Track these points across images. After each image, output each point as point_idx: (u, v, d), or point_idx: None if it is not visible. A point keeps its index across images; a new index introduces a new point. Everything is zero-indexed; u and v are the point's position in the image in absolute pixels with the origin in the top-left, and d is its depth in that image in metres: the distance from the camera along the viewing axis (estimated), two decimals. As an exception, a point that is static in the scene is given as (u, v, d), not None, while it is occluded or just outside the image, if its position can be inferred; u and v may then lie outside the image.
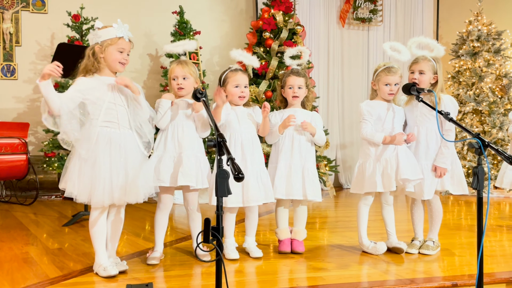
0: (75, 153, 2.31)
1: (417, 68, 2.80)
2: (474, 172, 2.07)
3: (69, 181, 2.28)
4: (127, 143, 2.35)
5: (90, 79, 2.34)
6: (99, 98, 2.31)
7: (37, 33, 5.91)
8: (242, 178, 1.66)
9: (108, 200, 2.29)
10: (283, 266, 2.61)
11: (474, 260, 2.72)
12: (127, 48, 2.37)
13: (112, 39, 2.33)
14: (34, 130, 5.86)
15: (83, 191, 2.26)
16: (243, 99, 2.79)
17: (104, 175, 2.26)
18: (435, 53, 2.81)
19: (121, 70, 2.41)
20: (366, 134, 2.80)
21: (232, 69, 2.79)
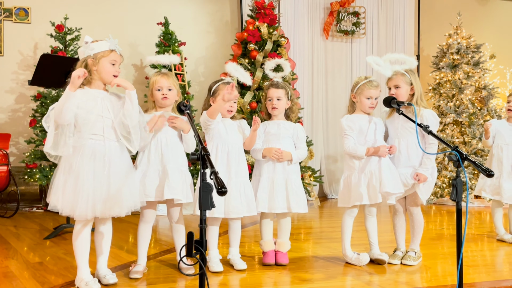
0: (61, 167, 2.30)
1: (392, 84, 2.88)
2: (453, 184, 2.11)
3: (54, 194, 2.27)
4: (112, 156, 2.34)
5: (80, 92, 2.34)
6: (88, 111, 2.31)
7: (20, 43, 5.86)
8: (225, 192, 1.67)
9: (91, 213, 2.27)
10: (267, 278, 2.61)
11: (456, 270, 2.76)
12: (118, 60, 2.40)
13: (104, 51, 2.35)
14: (15, 141, 5.77)
15: (67, 204, 2.24)
16: (230, 113, 2.82)
17: (88, 188, 2.25)
18: (408, 65, 2.89)
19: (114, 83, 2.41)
20: (349, 149, 2.85)
21: (224, 82, 2.80)
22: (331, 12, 6.80)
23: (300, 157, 2.92)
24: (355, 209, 2.91)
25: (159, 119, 2.57)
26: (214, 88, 2.81)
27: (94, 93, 2.37)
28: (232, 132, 2.78)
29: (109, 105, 2.38)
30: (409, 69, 2.88)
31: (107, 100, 2.39)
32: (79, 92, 2.33)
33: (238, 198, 2.69)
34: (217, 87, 2.79)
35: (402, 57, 2.88)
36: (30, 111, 5.59)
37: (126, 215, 2.38)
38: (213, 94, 2.80)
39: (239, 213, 2.69)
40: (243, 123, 2.87)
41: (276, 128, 2.89)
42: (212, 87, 2.82)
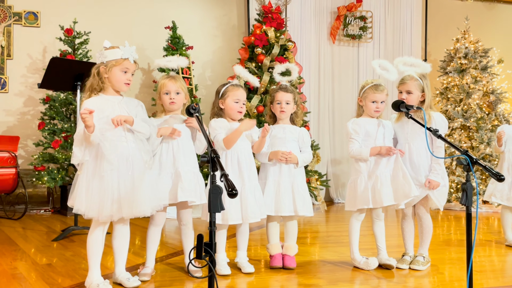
0: (83, 169, 2.32)
1: (404, 89, 2.86)
2: (463, 189, 2.10)
3: (77, 197, 2.28)
4: (134, 156, 2.36)
5: (97, 99, 2.38)
6: (108, 118, 2.34)
7: (29, 46, 5.92)
8: (235, 194, 1.67)
9: (117, 214, 2.29)
10: (274, 282, 2.60)
11: (464, 275, 2.74)
12: (131, 68, 2.41)
13: (117, 60, 2.37)
14: (24, 144, 5.82)
15: (92, 207, 2.26)
16: (241, 114, 2.82)
17: (113, 190, 2.27)
18: (421, 70, 2.87)
19: (125, 89, 2.45)
20: (353, 152, 2.85)
21: (233, 84, 2.82)
22: (338, 16, 6.81)
23: (305, 160, 2.92)
24: (361, 213, 2.90)
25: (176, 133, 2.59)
26: (223, 90, 2.81)
27: (110, 99, 2.40)
28: (242, 138, 2.77)
29: (126, 108, 2.41)
30: (421, 75, 2.87)
31: (123, 104, 2.42)
32: (94, 101, 2.35)
33: (254, 202, 2.69)
34: (225, 89, 2.80)
35: (417, 62, 2.86)
36: (39, 114, 5.64)
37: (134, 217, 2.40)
38: (221, 96, 2.80)
39: (256, 218, 2.69)
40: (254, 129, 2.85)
41: (281, 132, 2.90)
42: (220, 90, 2.83)
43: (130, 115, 2.40)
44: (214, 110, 2.83)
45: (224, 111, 2.80)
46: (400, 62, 2.88)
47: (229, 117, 2.81)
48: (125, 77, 2.39)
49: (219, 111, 2.82)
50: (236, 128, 2.73)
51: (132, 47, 2.41)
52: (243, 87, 2.84)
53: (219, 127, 2.75)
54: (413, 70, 2.86)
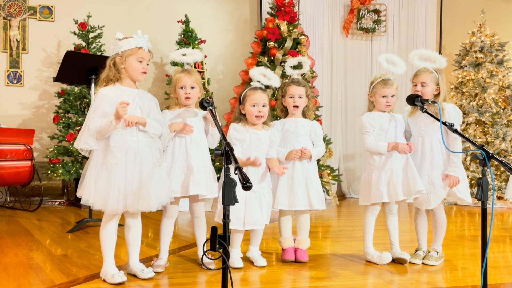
0: (93, 161, 2.34)
1: (419, 80, 2.83)
2: (478, 183, 2.08)
3: (86, 188, 2.31)
4: (144, 151, 2.38)
5: (112, 89, 2.39)
6: None
7: (44, 40, 5.98)
8: (250, 187, 1.68)
9: (122, 207, 2.32)
10: (287, 275, 2.61)
11: (478, 271, 2.72)
12: (146, 57, 2.42)
13: (132, 49, 2.38)
14: (39, 137, 5.90)
15: (99, 198, 2.29)
16: (260, 119, 2.74)
17: (119, 183, 2.29)
18: (437, 64, 2.83)
19: (142, 79, 2.46)
20: (370, 145, 2.82)
21: (251, 87, 2.77)
22: (352, 10, 6.75)
23: (318, 154, 2.91)
24: (377, 207, 2.89)
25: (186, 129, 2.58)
26: (243, 95, 2.78)
27: (127, 91, 2.41)
28: (256, 148, 2.72)
29: (140, 103, 2.43)
30: (437, 68, 2.83)
31: (138, 98, 2.43)
32: (110, 90, 2.37)
33: (258, 209, 2.68)
34: (244, 94, 2.77)
35: (434, 55, 2.83)
36: (54, 108, 5.71)
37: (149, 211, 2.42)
38: (242, 102, 2.77)
39: (258, 225, 2.69)
40: (272, 136, 2.79)
41: (294, 126, 2.89)
42: (241, 95, 2.80)
43: (143, 109, 2.41)
44: (235, 115, 2.81)
45: (245, 117, 2.76)
46: (416, 56, 2.85)
47: (250, 122, 2.77)
48: (141, 66, 2.41)
49: (241, 116, 2.78)
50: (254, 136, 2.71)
51: (144, 36, 2.42)
52: (263, 90, 2.76)
53: (234, 139, 2.71)
54: (428, 65, 2.83)
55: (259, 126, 2.78)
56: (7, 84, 5.89)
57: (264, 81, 2.80)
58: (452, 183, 2.77)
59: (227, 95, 6.16)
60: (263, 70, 2.83)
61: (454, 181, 2.76)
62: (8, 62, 5.89)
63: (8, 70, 5.88)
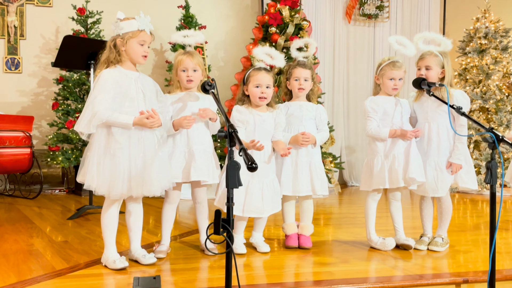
0: (94, 146, 2.29)
1: (423, 64, 2.77)
2: (488, 167, 2.04)
3: (88, 173, 2.25)
4: (146, 135, 2.33)
5: (114, 71, 2.33)
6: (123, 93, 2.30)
7: (42, 26, 5.89)
8: (255, 168, 1.63)
9: (126, 192, 2.28)
10: (290, 261, 2.58)
11: (482, 257, 2.70)
12: (148, 40, 2.35)
13: (133, 32, 2.31)
14: (38, 124, 5.84)
15: (103, 184, 2.24)
16: (264, 100, 2.67)
17: (124, 168, 2.25)
18: (442, 47, 2.77)
19: (143, 62, 2.40)
20: (371, 131, 2.77)
21: (255, 68, 2.69)
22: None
23: (322, 139, 2.86)
24: (378, 193, 2.85)
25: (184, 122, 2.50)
26: (246, 75, 2.71)
27: (128, 74, 2.35)
28: (260, 130, 2.66)
29: (142, 87, 2.38)
30: (442, 51, 2.77)
31: (139, 82, 2.38)
32: (112, 72, 2.31)
33: (259, 198, 2.62)
34: (248, 74, 2.70)
35: (438, 38, 2.76)
36: (53, 95, 5.64)
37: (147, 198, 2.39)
38: (245, 83, 2.70)
39: (259, 213, 2.64)
40: (277, 118, 2.73)
41: (298, 110, 2.83)
42: (244, 75, 2.73)
43: (145, 93, 2.36)
44: (239, 96, 2.74)
45: (249, 98, 2.70)
46: (420, 39, 2.79)
47: (254, 104, 2.71)
48: (142, 50, 2.34)
49: (244, 98, 2.71)
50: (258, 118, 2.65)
51: (147, 17, 2.35)
52: (267, 70, 2.69)
53: (237, 121, 2.65)
54: (433, 48, 2.77)
55: (263, 108, 2.72)
56: (5, 71, 5.81)
57: (268, 61, 2.73)
58: (454, 171, 2.72)
59: (228, 82, 6.09)
60: (267, 50, 2.76)
61: (456, 169, 2.72)
62: (6, 48, 5.81)
63: (6, 57, 5.81)
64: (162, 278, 2.15)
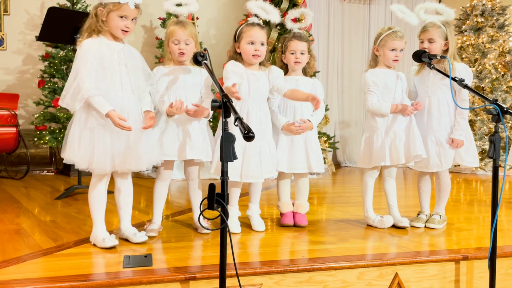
0: (75, 119, 2.18)
1: (426, 37, 2.67)
2: (491, 140, 1.97)
3: (69, 148, 2.15)
4: (130, 107, 2.22)
5: (95, 41, 2.20)
6: (105, 65, 2.18)
7: (26, 1, 5.67)
8: (252, 137, 1.54)
9: (109, 166, 2.17)
10: (286, 239, 2.52)
11: (481, 234, 2.66)
12: (130, 14, 2.20)
13: (114, 4, 2.17)
14: (24, 103, 5.67)
15: (83, 158, 2.13)
16: (257, 58, 2.53)
17: (104, 142, 2.13)
18: (445, 17, 2.67)
19: (123, 37, 2.26)
20: (372, 106, 2.68)
21: (248, 23, 2.52)
22: (349, -28, 6.49)
23: (318, 119, 2.77)
24: (376, 170, 2.79)
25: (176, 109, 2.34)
26: (238, 31, 2.56)
27: (111, 45, 2.22)
28: (255, 90, 2.54)
29: (124, 59, 2.25)
30: (445, 21, 2.67)
31: (122, 54, 2.25)
32: (94, 42, 2.18)
33: (257, 162, 2.52)
34: (240, 30, 2.56)
35: (440, 8, 2.66)
36: (39, 72, 5.47)
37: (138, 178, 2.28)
38: (237, 39, 2.56)
39: (257, 178, 2.54)
40: (274, 72, 2.60)
41: (295, 85, 2.72)
42: (236, 31, 2.58)
43: (128, 65, 2.23)
44: (231, 54, 2.58)
45: (242, 56, 2.56)
46: (421, 9, 2.69)
47: (246, 62, 2.57)
48: (122, 23, 2.19)
49: (236, 56, 2.56)
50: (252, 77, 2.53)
51: None
52: (261, 25, 2.53)
53: (231, 71, 2.51)
54: (435, 17, 2.67)
55: (256, 66, 2.58)
56: (-12, 47, 5.61)
57: (263, 15, 2.56)
58: (456, 146, 2.67)
59: (220, 60, 5.94)
60: (261, 3, 2.59)
61: (458, 144, 2.66)
62: (-12, 24, 5.60)
63: (-11, 33, 5.60)
64: (153, 256, 2.07)
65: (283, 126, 2.67)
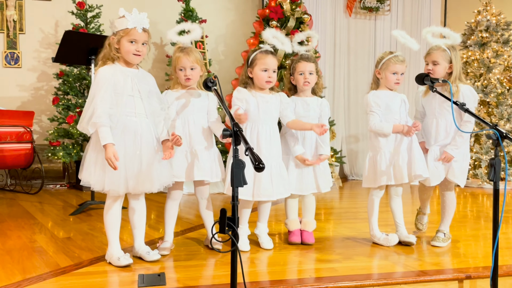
0: (92, 142, 2.30)
1: (431, 59, 2.76)
2: (491, 164, 2.04)
3: (86, 170, 2.27)
4: (143, 131, 2.33)
5: (110, 68, 2.33)
6: (119, 92, 2.30)
7: (41, 20, 5.85)
8: (262, 168, 1.63)
9: (123, 188, 2.28)
10: (293, 257, 2.59)
11: (485, 252, 2.71)
12: (140, 38, 2.32)
13: (124, 30, 2.30)
14: (38, 119, 5.83)
15: (99, 181, 2.25)
16: (269, 84, 2.67)
17: (119, 164, 2.24)
18: (451, 41, 2.76)
19: (135, 61, 2.38)
20: (374, 126, 2.76)
21: (262, 50, 2.66)
22: (355, -12, 6.61)
23: (328, 145, 2.86)
24: (381, 190, 2.86)
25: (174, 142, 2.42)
26: (252, 57, 2.67)
27: (125, 71, 2.35)
28: (265, 111, 2.65)
29: (138, 84, 2.36)
30: (450, 45, 2.76)
31: (136, 79, 2.37)
32: (109, 69, 2.31)
33: (268, 181, 2.61)
34: (254, 57, 2.66)
35: (446, 32, 2.76)
36: (53, 89, 5.62)
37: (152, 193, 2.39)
38: (250, 65, 2.67)
39: (269, 196, 2.62)
40: (283, 99, 2.72)
41: (305, 109, 2.79)
42: (249, 57, 2.69)
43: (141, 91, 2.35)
44: (242, 78, 2.71)
45: (253, 81, 2.69)
46: (429, 33, 2.78)
47: (258, 87, 2.70)
48: (133, 47, 2.31)
49: (247, 80, 2.69)
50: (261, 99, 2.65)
51: (141, 14, 2.32)
52: (274, 54, 2.67)
53: (236, 99, 2.64)
54: (442, 41, 2.76)
55: (266, 91, 2.71)
56: (4, 65, 5.78)
57: (278, 45, 2.70)
58: (444, 160, 2.73)
59: (229, 76, 6.07)
60: (275, 33, 2.72)
61: (447, 158, 2.73)
62: (5, 43, 5.78)
63: (6, 51, 5.78)
64: (166, 275, 2.16)
65: (297, 156, 2.76)
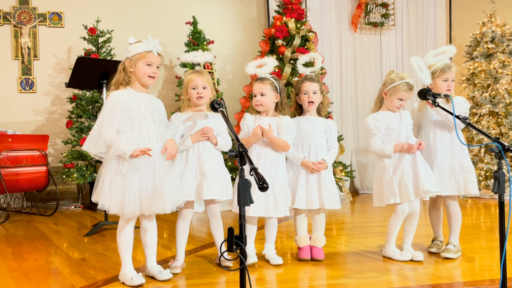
0: (106, 166, 2.37)
1: (452, 76, 2.83)
2: (495, 177, 2.06)
3: (101, 194, 2.34)
4: (156, 155, 2.41)
5: (123, 92, 2.42)
6: (133, 116, 2.39)
7: (54, 47, 6.05)
8: (266, 188, 1.68)
9: (138, 210, 2.35)
10: (303, 273, 2.62)
11: (496, 264, 2.70)
12: (155, 61, 2.44)
13: (140, 53, 2.41)
14: (52, 142, 5.98)
15: (115, 204, 2.32)
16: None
17: (135, 187, 2.32)
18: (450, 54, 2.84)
19: (150, 83, 2.48)
20: (375, 149, 2.82)
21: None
22: (359, 4, 6.71)
23: (333, 159, 2.91)
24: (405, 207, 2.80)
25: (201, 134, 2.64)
26: (298, 86, 2.91)
27: (137, 96, 2.44)
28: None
29: (151, 108, 2.46)
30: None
31: (149, 103, 2.46)
32: (122, 94, 2.40)
33: (272, 199, 2.68)
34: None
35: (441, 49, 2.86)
36: (66, 113, 5.78)
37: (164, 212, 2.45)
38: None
39: (271, 213, 2.69)
40: (283, 123, 2.80)
41: (310, 125, 2.88)
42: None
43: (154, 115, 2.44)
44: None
45: None
46: (431, 56, 2.85)
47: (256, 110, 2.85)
48: (149, 70, 2.43)
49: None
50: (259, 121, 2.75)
51: (155, 40, 2.45)
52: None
53: (241, 124, 2.79)
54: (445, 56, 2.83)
55: (270, 113, 2.85)
56: (20, 91, 5.97)
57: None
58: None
59: (237, 94, 6.18)
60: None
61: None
62: (20, 69, 5.98)
63: (21, 77, 5.97)
64: (178, 294, 2.20)
65: (302, 161, 2.81)
